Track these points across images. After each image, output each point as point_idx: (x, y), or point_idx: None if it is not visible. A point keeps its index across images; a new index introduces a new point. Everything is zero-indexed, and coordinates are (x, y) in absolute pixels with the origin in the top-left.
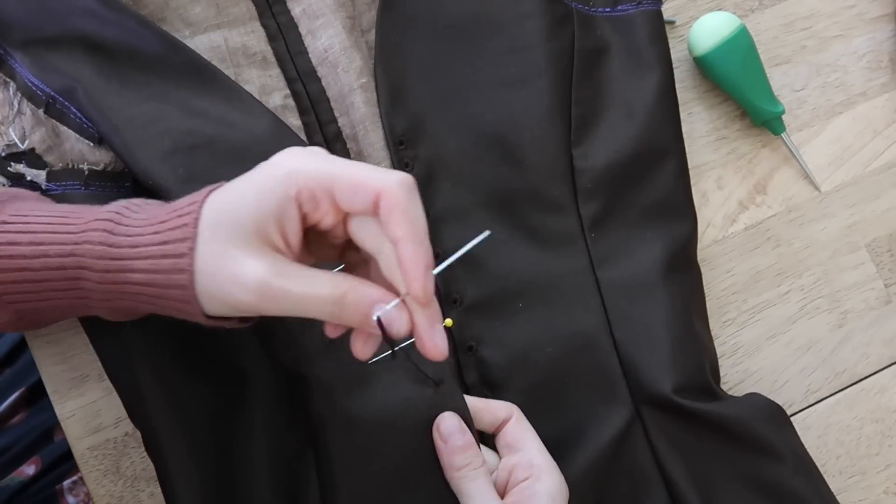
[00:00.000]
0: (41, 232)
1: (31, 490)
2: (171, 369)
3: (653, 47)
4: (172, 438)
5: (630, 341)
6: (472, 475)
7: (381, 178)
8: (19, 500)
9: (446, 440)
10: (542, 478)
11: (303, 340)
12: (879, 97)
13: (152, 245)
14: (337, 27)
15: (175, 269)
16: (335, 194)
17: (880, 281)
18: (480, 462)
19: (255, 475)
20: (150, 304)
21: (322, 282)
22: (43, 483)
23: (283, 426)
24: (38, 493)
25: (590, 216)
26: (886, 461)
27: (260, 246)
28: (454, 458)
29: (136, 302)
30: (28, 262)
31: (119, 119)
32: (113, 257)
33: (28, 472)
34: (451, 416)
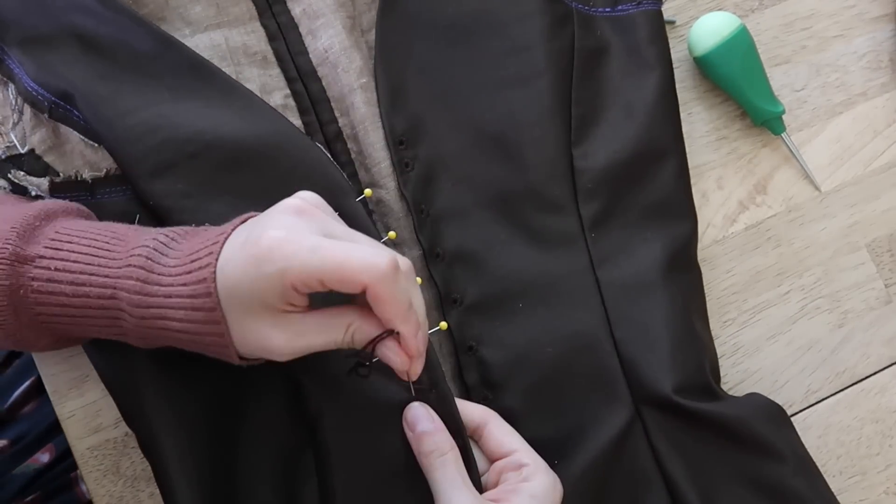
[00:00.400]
0: (80, 273)
1: (47, 477)
2: (167, 370)
3: (653, 47)
4: (170, 439)
5: (630, 341)
6: (439, 462)
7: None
8: (35, 487)
9: (413, 428)
10: (529, 477)
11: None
12: (879, 97)
13: (183, 297)
14: (337, 27)
15: (210, 321)
16: (325, 283)
17: (880, 281)
18: (448, 448)
19: (253, 474)
20: (188, 345)
21: (334, 330)
22: (58, 471)
23: (281, 424)
24: (54, 481)
25: (590, 216)
26: (887, 461)
27: (273, 314)
28: (421, 444)
29: (174, 342)
30: (69, 300)
31: (117, 131)
32: (149, 305)
33: (43, 459)
34: (417, 406)
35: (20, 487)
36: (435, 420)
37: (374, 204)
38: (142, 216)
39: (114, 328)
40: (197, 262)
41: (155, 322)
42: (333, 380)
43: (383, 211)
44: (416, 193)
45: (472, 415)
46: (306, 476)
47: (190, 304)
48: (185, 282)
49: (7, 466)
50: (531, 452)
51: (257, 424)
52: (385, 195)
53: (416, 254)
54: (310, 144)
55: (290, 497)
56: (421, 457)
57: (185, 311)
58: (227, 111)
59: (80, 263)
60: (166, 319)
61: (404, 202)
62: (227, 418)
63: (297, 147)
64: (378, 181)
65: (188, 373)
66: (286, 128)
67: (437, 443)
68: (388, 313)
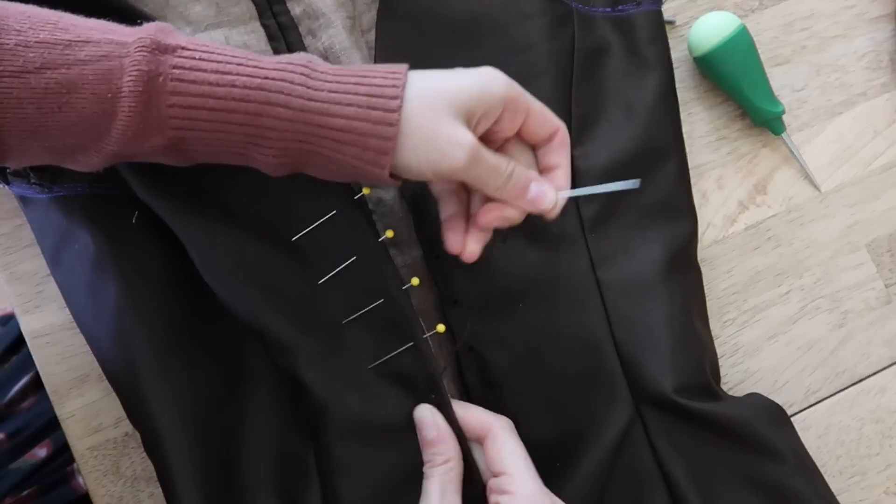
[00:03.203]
0: (226, 62)
1: (43, 472)
2: (172, 369)
3: (653, 47)
4: (174, 438)
5: (630, 341)
6: (428, 472)
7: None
8: (31, 482)
9: (418, 432)
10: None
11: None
12: (879, 97)
13: (358, 95)
14: (337, 27)
15: (382, 122)
16: (528, 117)
17: (880, 281)
18: (440, 461)
19: (256, 475)
20: (334, 151)
21: (501, 158)
22: (54, 465)
23: (284, 426)
24: (50, 475)
25: (590, 216)
26: (886, 461)
27: (465, 123)
28: (423, 451)
29: (318, 147)
30: (211, 90)
31: None
32: (313, 98)
33: (40, 454)
34: (423, 409)
35: (16, 482)
36: (440, 428)
37: (373, 204)
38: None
39: (249, 128)
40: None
41: (314, 117)
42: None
43: (383, 211)
44: (416, 193)
45: (474, 423)
46: (309, 478)
47: (366, 102)
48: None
49: (3, 461)
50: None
51: (261, 427)
52: (385, 195)
53: (416, 254)
54: None
55: (293, 499)
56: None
57: (355, 108)
58: None
59: (226, 55)
60: (329, 116)
61: (404, 202)
62: (231, 420)
63: None
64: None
65: (193, 374)
66: None
67: (432, 454)
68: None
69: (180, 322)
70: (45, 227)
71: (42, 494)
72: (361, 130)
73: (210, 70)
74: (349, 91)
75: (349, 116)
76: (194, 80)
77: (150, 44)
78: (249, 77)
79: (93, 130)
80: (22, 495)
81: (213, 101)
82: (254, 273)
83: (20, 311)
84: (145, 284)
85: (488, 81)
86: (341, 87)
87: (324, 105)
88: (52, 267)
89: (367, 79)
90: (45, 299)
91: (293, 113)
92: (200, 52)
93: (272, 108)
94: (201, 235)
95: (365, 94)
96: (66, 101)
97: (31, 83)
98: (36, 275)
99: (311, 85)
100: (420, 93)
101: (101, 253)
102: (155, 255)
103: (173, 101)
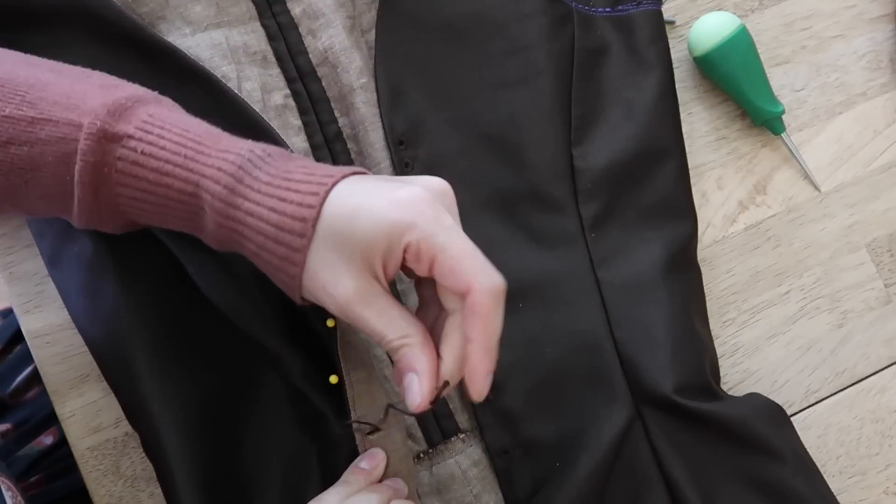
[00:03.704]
0: (166, 161)
1: (51, 459)
2: (171, 371)
3: (653, 47)
4: (173, 439)
5: (630, 341)
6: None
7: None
8: (39, 469)
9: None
10: None
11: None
12: (879, 97)
13: (269, 225)
14: (337, 27)
15: (287, 259)
16: (434, 265)
17: (880, 281)
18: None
19: (257, 476)
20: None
21: (394, 325)
22: (61, 453)
23: (286, 426)
24: (58, 462)
25: (590, 216)
26: (886, 461)
27: (361, 268)
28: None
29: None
30: (151, 187)
31: None
32: (230, 217)
33: (46, 441)
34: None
35: (24, 469)
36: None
37: None
38: None
39: (190, 223)
40: (295, 193)
41: (231, 234)
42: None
43: None
44: None
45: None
46: (310, 479)
47: (274, 235)
48: (274, 207)
49: (11, 448)
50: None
51: (261, 427)
52: None
53: None
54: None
55: (295, 499)
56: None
57: (263, 238)
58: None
59: (167, 152)
60: (244, 238)
61: None
62: (232, 421)
63: None
64: None
65: (193, 375)
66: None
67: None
68: (476, 333)
69: (180, 324)
70: (43, 229)
71: (49, 481)
72: (269, 260)
73: (150, 167)
74: (264, 218)
75: (261, 245)
76: (135, 176)
77: (97, 132)
78: (185, 182)
79: (59, 206)
80: (30, 482)
81: (153, 196)
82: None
83: (20, 311)
84: (144, 286)
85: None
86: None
87: (238, 226)
88: (50, 268)
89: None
90: (45, 299)
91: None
92: (146, 143)
93: (201, 212)
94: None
95: (275, 226)
96: (31, 177)
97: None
98: (36, 275)
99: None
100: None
101: (100, 255)
102: (153, 256)
103: (119, 190)
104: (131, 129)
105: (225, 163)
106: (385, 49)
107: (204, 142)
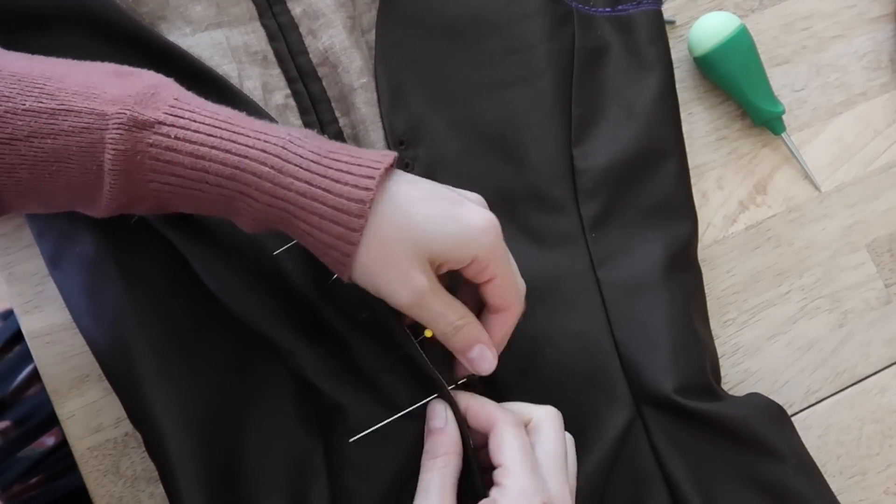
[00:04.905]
0: (201, 144)
1: (51, 460)
2: (173, 370)
3: (653, 47)
4: (176, 439)
5: (631, 341)
6: (427, 464)
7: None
8: (39, 470)
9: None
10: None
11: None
12: (879, 97)
13: (325, 206)
14: (337, 27)
15: (343, 239)
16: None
17: (880, 281)
18: (441, 452)
19: (261, 474)
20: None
21: (455, 309)
22: (62, 453)
23: (288, 426)
24: (59, 462)
25: (590, 216)
26: (887, 461)
27: (424, 265)
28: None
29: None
30: (186, 172)
31: None
32: (279, 196)
33: (48, 442)
34: (437, 402)
35: (24, 470)
36: (448, 422)
37: None
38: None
39: (225, 206)
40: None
41: (281, 214)
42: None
43: None
44: None
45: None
46: (315, 478)
47: (331, 216)
48: (329, 188)
49: (12, 449)
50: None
51: (264, 426)
52: None
53: None
54: None
55: (299, 499)
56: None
57: (318, 219)
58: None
59: (202, 134)
60: (295, 218)
61: None
62: (233, 419)
63: None
64: None
65: (196, 375)
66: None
67: (433, 444)
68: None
69: (182, 323)
70: (44, 230)
71: (49, 482)
72: (322, 239)
73: (185, 152)
74: (318, 197)
75: (314, 224)
76: (170, 161)
77: (127, 121)
78: (222, 165)
79: (86, 195)
80: (30, 483)
81: (189, 181)
82: (254, 281)
83: (20, 312)
84: (146, 286)
85: (468, 240)
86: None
87: (288, 205)
88: (51, 269)
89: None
90: (45, 299)
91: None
92: (179, 127)
93: (240, 196)
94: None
95: (332, 207)
96: (57, 169)
97: (21, 150)
98: (36, 275)
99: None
100: (391, 219)
101: (102, 255)
102: (155, 256)
103: (152, 177)
104: (161, 115)
105: (268, 144)
106: (385, 49)
107: (238, 123)
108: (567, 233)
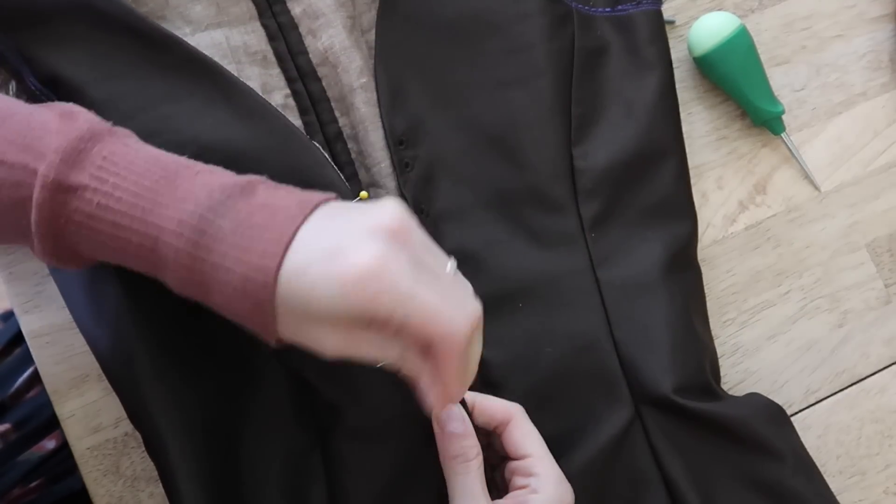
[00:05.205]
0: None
1: (50, 463)
2: (173, 370)
3: (653, 47)
4: (176, 439)
5: (630, 341)
6: (462, 468)
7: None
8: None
9: (444, 426)
10: (539, 489)
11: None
12: (879, 97)
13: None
14: (337, 27)
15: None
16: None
17: (880, 281)
18: (474, 454)
19: (260, 473)
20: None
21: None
22: (62, 456)
23: (287, 425)
24: (58, 466)
25: (590, 216)
26: (886, 461)
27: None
28: (449, 446)
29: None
30: (108, 240)
31: None
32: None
33: (48, 446)
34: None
35: (24, 473)
36: (466, 423)
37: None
38: None
39: (153, 272)
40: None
41: (197, 288)
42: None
43: None
44: (416, 194)
45: (496, 411)
46: (314, 477)
47: (241, 288)
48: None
49: (12, 452)
50: (545, 460)
51: (263, 425)
52: (385, 195)
53: None
54: (308, 145)
55: (298, 498)
56: (445, 458)
57: (232, 291)
58: (226, 110)
59: (124, 204)
60: (211, 291)
61: (404, 202)
62: (232, 419)
63: (295, 147)
64: (378, 181)
65: (193, 373)
66: (285, 128)
67: (465, 448)
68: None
69: (182, 323)
70: None
71: (49, 485)
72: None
73: (106, 221)
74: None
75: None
76: (92, 229)
77: (51, 183)
78: (143, 237)
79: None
80: (29, 487)
81: (112, 249)
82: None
83: (20, 311)
84: (146, 286)
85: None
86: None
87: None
88: (52, 269)
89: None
90: (44, 299)
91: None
92: (102, 193)
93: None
94: None
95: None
96: None
97: None
98: (36, 275)
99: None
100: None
101: None
102: None
103: (77, 240)
104: (86, 179)
105: (185, 213)
106: (385, 49)
107: (161, 190)
108: (567, 233)
